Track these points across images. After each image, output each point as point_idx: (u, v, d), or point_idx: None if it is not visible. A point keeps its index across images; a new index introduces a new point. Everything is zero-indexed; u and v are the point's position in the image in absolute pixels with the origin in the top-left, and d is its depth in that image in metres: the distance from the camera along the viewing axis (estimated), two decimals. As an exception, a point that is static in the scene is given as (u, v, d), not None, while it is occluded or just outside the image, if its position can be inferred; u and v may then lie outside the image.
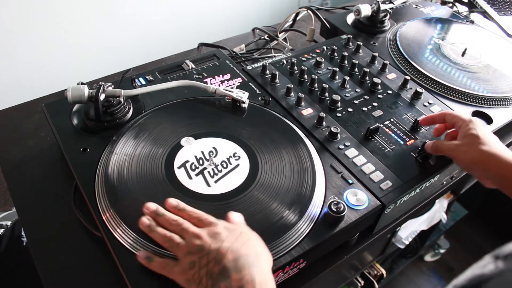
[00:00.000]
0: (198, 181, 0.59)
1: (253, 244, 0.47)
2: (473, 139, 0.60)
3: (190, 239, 0.46)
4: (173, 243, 0.47)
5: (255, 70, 0.83)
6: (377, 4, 0.97)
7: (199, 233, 0.46)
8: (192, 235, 0.46)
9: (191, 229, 0.47)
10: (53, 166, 0.70)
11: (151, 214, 0.50)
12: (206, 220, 0.48)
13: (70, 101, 0.65)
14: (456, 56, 0.93)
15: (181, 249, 0.46)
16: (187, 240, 0.46)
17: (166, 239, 0.47)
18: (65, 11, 1.76)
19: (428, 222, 1.32)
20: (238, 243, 0.45)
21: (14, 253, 1.05)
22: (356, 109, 0.75)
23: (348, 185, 0.61)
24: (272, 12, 2.48)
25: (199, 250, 0.45)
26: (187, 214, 0.50)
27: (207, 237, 0.46)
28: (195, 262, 0.44)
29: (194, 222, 0.49)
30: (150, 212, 0.50)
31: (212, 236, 0.46)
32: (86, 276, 0.56)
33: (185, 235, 0.47)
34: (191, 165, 0.61)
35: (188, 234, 0.47)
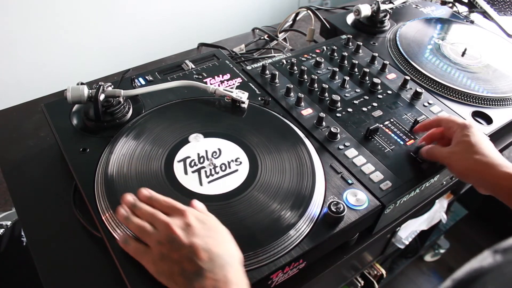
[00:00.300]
0: (192, 178, 0.59)
1: (224, 241, 0.47)
2: (467, 147, 0.59)
3: (161, 228, 0.46)
4: (144, 231, 0.47)
5: (255, 70, 0.83)
6: (377, 4, 0.97)
7: (169, 223, 0.46)
8: (162, 224, 0.46)
9: (161, 218, 0.47)
10: (53, 166, 0.70)
11: (128, 205, 0.50)
12: (175, 208, 0.49)
13: (70, 101, 0.65)
14: (456, 56, 0.93)
15: (151, 237, 0.46)
16: (157, 229, 0.47)
17: (139, 228, 0.48)
18: (65, 11, 1.76)
19: (428, 222, 1.32)
20: (211, 240, 0.46)
21: (14, 253, 1.05)
22: (356, 109, 0.75)
23: (347, 185, 0.61)
24: (272, 12, 2.48)
25: (169, 242, 0.45)
26: (159, 203, 0.50)
27: (178, 228, 0.45)
28: (165, 255, 0.45)
29: (165, 211, 0.49)
30: (127, 204, 0.50)
31: (183, 228, 0.46)
32: (86, 276, 0.56)
33: (156, 225, 0.47)
34: (191, 161, 0.61)
35: (159, 223, 0.47)
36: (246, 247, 0.51)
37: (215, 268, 0.43)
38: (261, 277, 0.50)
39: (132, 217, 0.49)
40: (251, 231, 0.53)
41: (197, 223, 0.47)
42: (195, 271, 0.43)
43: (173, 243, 0.45)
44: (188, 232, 0.45)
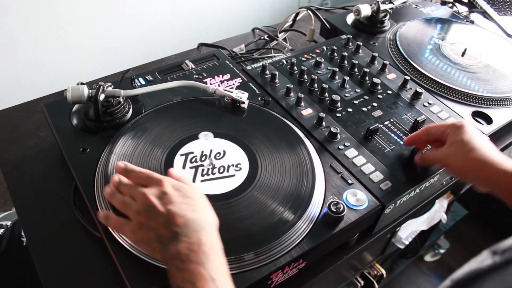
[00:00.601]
0: (188, 173, 0.59)
1: (200, 206, 0.49)
2: (463, 146, 0.58)
3: (138, 199, 0.48)
4: (125, 204, 0.49)
5: (255, 70, 0.83)
6: (377, 4, 0.97)
7: (146, 192, 0.47)
8: (139, 195, 0.48)
9: (138, 189, 0.49)
10: (53, 166, 0.70)
11: (114, 185, 0.52)
12: (152, 178, 0.50)
13: (70, 101, 0.65)
14: (456, 56, 0.93)
15: (131, 208, 0.48)
16: (136, 201, 0.48)
17: (120, 203, 0.50)
18: (65, 11, 1.76)
19: (428, 222, 1.32)
20: (187, 206, 0.47)
21: (14, 253, 1.05)
22: (356, 109, 0.75)
23: (347, 185, 0.61)
24: (272, 12, 2.48)
25: (146, 211, 0.46)
26: (135, 175, 0.51)
27: (154, 197, 0.47)
28: (143, 223, 0.46)
29: (142, 182, 0.50)
30: (113, 183, 0.52)
31: (159, 196, 0.47)
32: (86, 276, 0.56)
33: (134, 196, 0.49)
34: (193, 157, 0.62)
35: (136, 194, 0.48)
36: (246, 247, 0.51)
37: (189, 232, 0.45)
38: (261, 277, 0.50)
39: (117, 194, 0.50)
40: (251, 231, 0.53)
41: (172, 191, 0.48)
42: (170, 236, 0.45)
43: (149, 212, 0.46)
44: (164, 200, 0.47)
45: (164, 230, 0.45)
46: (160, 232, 0.45)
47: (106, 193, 0.51)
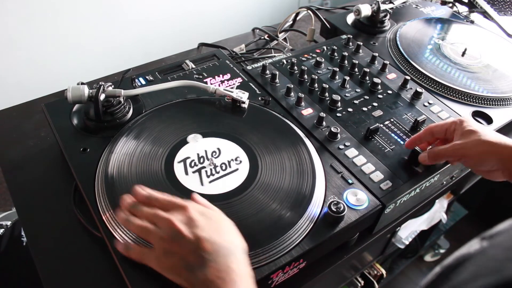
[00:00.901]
0: (193, 178, 0.59)
1: (228, 231, 0.47)
2: (474, 134, 0.59)
3: (163, 225, 0.46)
4: (146, 231, 0.47)
5: (255, 70, 0.83)
6: (377, 4, 0.97)
7: (171, 219, 0.46)
8: (164, 221, 0.46)
9: (162, 215, 0.47)
10: (53, 166, 0.70)
11: (127, 208, 0.50)
12: (176, 204, 0.48)
13: (70, 101, 0.65)
14: (456, 56, 0.93)
15: (153, 235, 0.46)
16: (160, 227, 0.46)
17: (140, 229, 0.47)
18: (65, 11, 1.76)
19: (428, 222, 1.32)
20: (214, 231, 0.45)
21: (14, 253, 1.05)
22: (356, 109, 0.76)
23: (348, 185, 0.61)
24: (272, 12, 2.48)
25: (172, 238, 0.45)
26: (158, 202, 0.50)
27: (180, 223, 0.45)
28: (168, 250, 0.45)
29: (165, 208, 0.49)
30: (126, 206, 0.50)
31: (186, 222, 0.45)
32: (86, 276, 0.56)
33: (157, 223, 0.47)
34: (191, 162, 0.61)
35: (160, 220, 0.46)
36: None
37: (218, 258, 0.43)
38: (261, 276, 0.50)
39: (132, 219, 0.48)
40: (251, 230, 0.53)
41: (199, 217, 0.46)
42: (198, 262, 0.43)
43: (176, 238, 0.44)
44: (191, 226, 0.45)
45: (192, 257, 0.43)
46: (187, 259, 0.44)
47: (121, 219, 0.49)
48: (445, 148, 0.61)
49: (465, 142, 0.59)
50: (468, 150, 0.59)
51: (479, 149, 0.58)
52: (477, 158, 0.59)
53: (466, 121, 0.61)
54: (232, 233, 0.48)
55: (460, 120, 0.62)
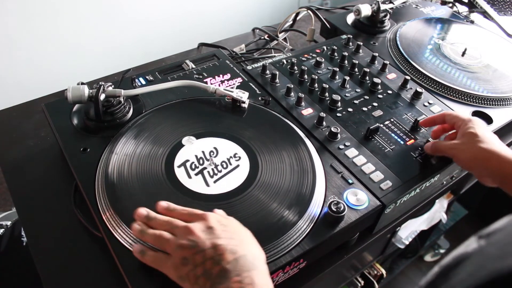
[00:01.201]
0: (197, 180, 0.59)
1: (248, 242, 0.47)
2: (472, 137, 0.60)
3: (181, 234, 0.45)
4: (162, 239, 0.46)
5: (255, 70, 0.83)
6: (377, 4, 0.97)
7: (190, 227, 0.45)
8: (182, 229, 0.45)
9: (180, 223, 0.46)
10: (53, 166, 0.70)
11: (142, 220, 0.49)
12: (196, 214, 0.48)
13: (70, 101, 0.65)
14: (456, 56, 0.93)
15: (170, 243, 0.45)
16: (178, 235, 0.46)
17: (156, 238, 0.47)
18: (65, 11, 1.76)
19: (428, 222, 1.32)
20: (235, 241, 0.45)
21: (14, 253, 1.05)
22: (356, 109, 0.76)
23: (348, 185, 0.61)
24: (272, 12, 2.48)
25: (191, 246, 0.44)
26: (178, 213, 0.49)
27: (200, 232, 0.45)
28: (188, 259, 0.44)
29: (185, 219, 0.48)
30: (141, 218, 0.49)
31: (205, 231, 0.45)
32: (86, 276, 0.56)
33: (175, 232, 0.46)
34: (191, 164, 0.61)
35: (179, 229, 0.46)
36: (246, 247, 0.51)
37: (241, 272, 0.42)
38: (261, 276, 0.50)
39: (147, 230, 0.48)
40: (251, 230, 0.53)
41: (218, 226, 0.46)
42: (219, 272, 0.42)
43: (195, 246, 0.44)
44: (210, 235, 0.44)
45: (213, 266, 0.42)
46: (208, 268, 0.42)
47: (135, 231, 0.48)
48: (444, 144, 0.64)
49: (460, 144, 0.61)
50: (459, 152, 0.61)
51: (470, 154, 0.60)
52: (466, 163, 0.61)
53: (473, 122, 0.62)
54: (253, 243, 0.47)
55: (468, 120, 0.63)
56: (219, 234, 0.45)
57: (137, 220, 0.50)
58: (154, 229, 0.48)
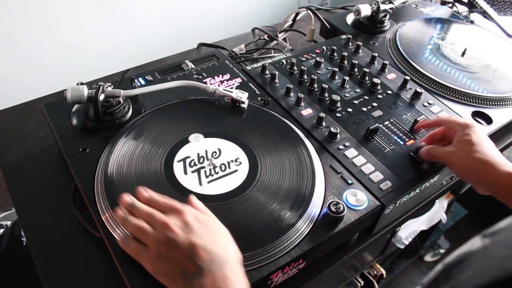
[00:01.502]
0: (192, 178, 0.59)
1: (223, 240, 0.47)
2: (468, 145, 0.59)
3: (159, 228, 0.46)
4: (142, 231, 0.47)
5: (254, 70, 0.83)
6: (377, 4, 0.97)
7: (167, 222, 0.46)
8: (160, 223, 0.46)
9: (158, 217, 0.47)
10: (52, 166, 0.70)
11: (126, 206, 0.50)
12: (174, 208, 0.49)
13: (70, 101, 0.65)
14: (456, 56, 0.93)
15: (149, 237, 0.46)
16: (156, 229, 0.47)
17: (137, 229, 0.48)
18: (65, 11, 1.76)
19: (428, 222, 1.32)
20: (210, 239, 0.46)
21: (14, 253, 1.05)
22: (355, 109, 0.75)
23: (347, 186, 0.61)
24: (272, 12, 2.48)
25: (168, 241, 0.45)
26: (157, 203, 0.50)
27: (176, 228, 0.45)
28: (164, 254, 0.45)
29: (163, 210, 0.49)
30: (125, 205, 0.50)
31: (181, 227, 0.46)
32: (86, 276, 0.56)
33: (154, 224, 0.47)
34: (191, 161, 0.61)
35: (157, 222, 0.47)
36: (246, 247, 0.51)
37: (214, 267, 0.43)
38: (261, 277, 0.50)
39: (130, 218, 0.49)
40: (251, 231, 0.53)
41: (195, 222, 0.47)
42: (194, 270, 0.43)
43: (171, 243, 0.45)
44: (186, 231, 0.45)
45: (187, 263, 0.44)
46: (183, 265, 0.44)
47: (118, 216, 0.49)
48: (438, 150, 0.63)
49: (455, 151, 0.60)
50: (454, 160, 0.60)
51: (464, 163, 0.59)
52: (461, 171, 0.61)
53: (472, 129, 0.61)
54: (228, 241, 0.48)
55: (468, 126, 0.62)
56: (195, 231, 0.45)
57: (120, 206, 0.50)
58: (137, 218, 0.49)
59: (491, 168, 0.56)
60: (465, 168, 0.59)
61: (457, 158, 0.60)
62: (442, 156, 0.62)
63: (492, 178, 0.56)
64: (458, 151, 0.60)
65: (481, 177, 0.58)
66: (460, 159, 0.59)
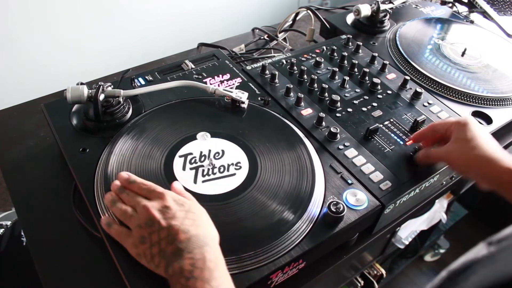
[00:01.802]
0: (189, 175, 0.59)
1: (202, 221, 0.48)
2: (465, 143, 0.58)
3: (140, 212, 0.48)
4: (126, 215, 0.49)
5: (254, 70, 0.83)
6: (376, 4, 0.97)
7: (148, 206, 0.47)
8: (141, 207, 0.48)
9: (140, 202, 0.48)
10: (53, 166, 0.70)
11: (115, 190, 0.52)
12: (154, 191, 0.50)
13: (70, 101, 0.65)
14: (456, 56, 0.93)
15: (132, 221, 0.48)
16: (138, 213, 0.48)
17: (121, 212, 0.49)
18: (65, 11, 1.76)
19: (428, 222, 1.32)
20: (188, 221, 0.47)
21: (14, 253, 1.05)
22: (355, 109, 0.75)
23: (347, 186, 0.61)
24: (272, 12, 2.48)
25: (148, 225, 0.46)
26: (137, 186, 0.51)
27: (156, 211, 0.47)
28: (145, 237, 0.46)
29: (144, 194, 0.50)
30: (114, 189, 0.52)
31: (161, 210, 0.47)
32: (86, 276, 0.56)
33: (136, 208, 0.49)
34: (192, 158, 0.61)
35: (139, 206, 0.48)
36: (246, 247, 0.51)
37: (193, 249, 0.44)
38: (260, 277, 0.50)
39: (117, 202, 0.50)
40: (251, 231, 0.53)
41: (175, 205, 0.48)
42: (173, 252, 0.44)
43: (152, 226, 0.46)
44: (166, 215, 0.46)
45: (167, 245, 0.45)
46: (162, 247, 0.45)
47: (107, 200, 0.51)
48: (436, 151, 0.62)
49: (453, 149, 0.59)
50: (454, 158, 0.60)
51: (463, 160, 0.58)
52: (460, 169, 0.60)
53: (466, 125, 0.59)
54: (207, 223, 0.49)
55: (461, 123, 0.60)
56: (174, 214, 0.47)
57: (112, 190, 0.52)
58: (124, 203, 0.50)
59: (492, 164, 0.55)
60: (465, 166, 0.59)
61: (455, 156, 0.59)
62: (440, 156, 0.61)
63: (494, 174, 0.56)
64: (456, 149, 0.59)
65: (482, 174, 0.57)
66: (459, 157, 0.59)
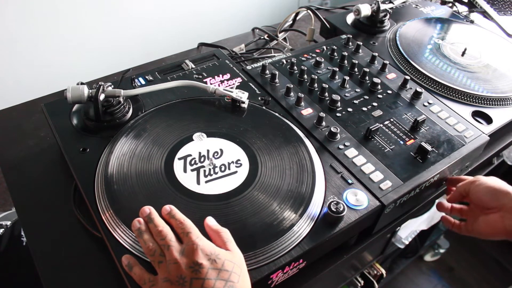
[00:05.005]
0: (191, 176, 0.59)
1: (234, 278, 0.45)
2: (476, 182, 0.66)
3: (170, 263, 0.45)
4: (154, 256, 0.46)
5: (254, 70, 0.83)
6: (377, 4, 0.97)
7: (179, 262, 0.44)
8: (171, 259, 0.45)
9: (172, 254, 0.45)
10: (53, 166, 0.70)
11: (144, 218, 0.49)
12: (188, 236, 0.47)
13: (70, 101, 0.65)
14: (456, 56, 0.93)
15: (161, 268, 0.45)
16: (167, 263, 0.45)
17: (149, 251, 0.47)
18: (66, 11, 1.76)
19: (428, 222, 1.32)
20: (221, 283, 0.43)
21: (14, 253, 1.05)
22: (355, 109, 0.75)
23: (347, 185, 0.61)
24: (272, 12, 2.48)
25: (179, 283, 0.43)
26: (175, 223, 0.49)
27: (187, 269, 0.44)
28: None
29: (178, 232, 0.48)
30: (144, 216, 0.50)
31: (192, 269, 0.44)
32: (86, 275, 0.56)
33: (166, 254, 0.46)
34: (192, 159, 0.61)
35: (169, 255, 0.45)
36: (246, 247, 0.51)
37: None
38: (261, 276, 0.50)
39: (144, 233, 0.48)
40: (251, 231, 0.53)
41: (207, 263, 0.44)
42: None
43: (182, 285, 0.43)
44: (198, 275, 0.43)
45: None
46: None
47: (134, 227, 0.49)
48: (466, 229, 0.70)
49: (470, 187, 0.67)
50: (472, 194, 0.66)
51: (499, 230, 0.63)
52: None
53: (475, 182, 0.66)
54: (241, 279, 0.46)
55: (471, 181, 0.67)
56: (206, 274, 0.43)
57: (140, 216, 0.50)
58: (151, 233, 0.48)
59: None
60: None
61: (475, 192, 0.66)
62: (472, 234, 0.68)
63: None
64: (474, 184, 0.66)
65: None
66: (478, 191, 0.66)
